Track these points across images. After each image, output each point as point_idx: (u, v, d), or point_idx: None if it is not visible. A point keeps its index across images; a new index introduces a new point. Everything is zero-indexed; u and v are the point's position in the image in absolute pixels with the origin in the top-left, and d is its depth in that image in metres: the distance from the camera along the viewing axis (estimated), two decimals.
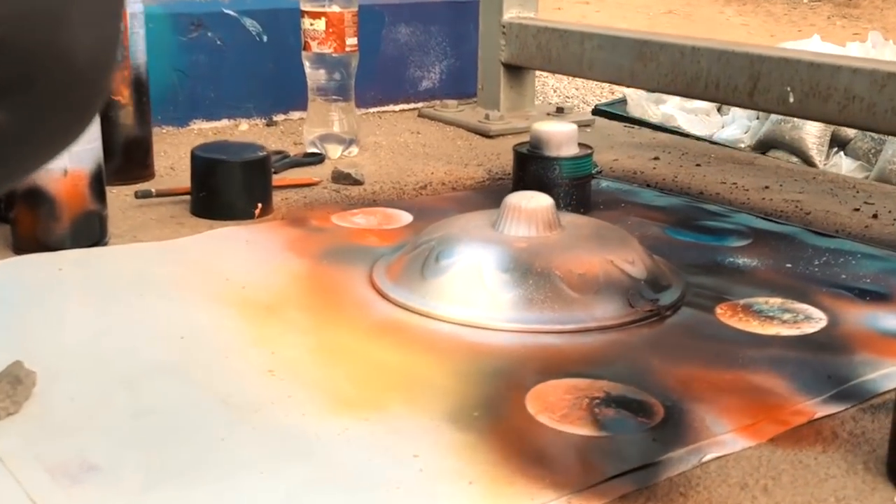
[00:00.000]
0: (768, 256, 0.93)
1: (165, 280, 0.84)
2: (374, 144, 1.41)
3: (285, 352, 0.71)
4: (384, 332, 0.75)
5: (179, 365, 0.68)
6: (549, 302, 0.77)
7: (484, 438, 0.59)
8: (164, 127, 1.44)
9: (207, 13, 1.45)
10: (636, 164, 1.31)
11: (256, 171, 1.04)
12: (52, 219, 0.89)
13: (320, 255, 0.91)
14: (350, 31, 1.28)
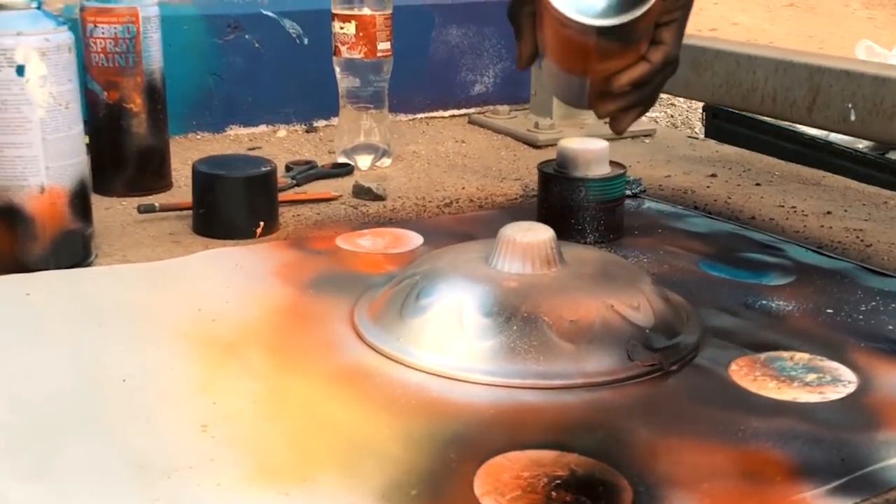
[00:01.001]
0: (809, 299, 0.82)
1: (133, 309, 0.78)
2: (411, 154, 1.33)
3: (229, 402, 0.64)
4: (346, 380, 0.67)
5: (106, 415, 0.62)
6: (533, 352, 0.68)
7: None
8: (198, 133, 1.40)
9: (245, 15, 1.39)
10: (689, 182, 1.21)
11: (259, 188, 0.98)
12: (30, 238, 0.84)
13: (308, 284, 0.84)
14: (382, 35, 1.21)
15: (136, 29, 1.06)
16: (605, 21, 0.66)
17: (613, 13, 0.67)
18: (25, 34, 0.80)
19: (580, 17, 0.66)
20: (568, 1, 0.66)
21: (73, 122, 0.84)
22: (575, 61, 0.73)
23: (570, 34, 0.68)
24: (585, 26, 0.66)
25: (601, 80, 0.72)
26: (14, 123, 0.81)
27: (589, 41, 0.68)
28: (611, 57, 0.70)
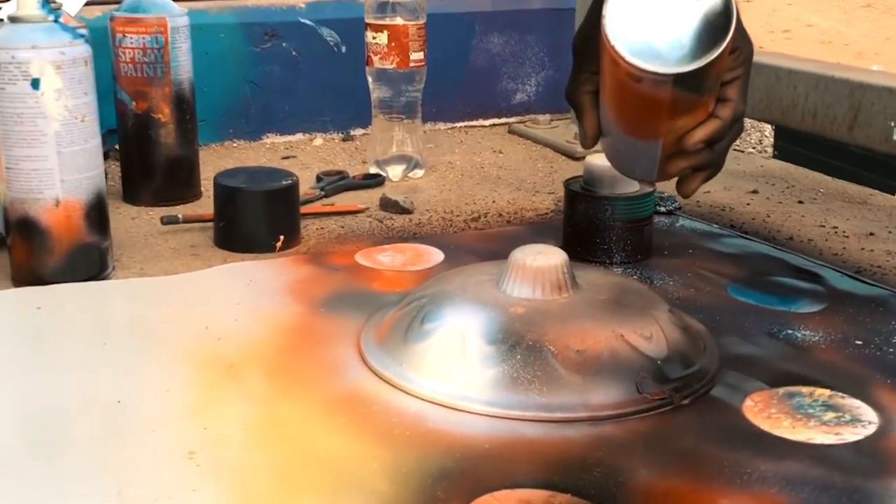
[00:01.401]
0: (838, 328, 0.78)
1: (140, 325, 0.77)
2: (445, 165, 1.32)
3: (220, 427, 0.63)
4: (343, 407, 0.66)
5: (94, 438, 0.61)
6: (536, 383, 0.66)
7: None
8: (235, 141, 1.40)
9: (282, 23, 1.39)
10: (729, 198, 1.17)
11: (279, 201, 0.97)
12: (45, 251, 0.84)
13: (320, 302, 0.82)
14: (415, 45, 1.19)
15: (164, 39, 1.06)
16: (682, 68, 0.64)
17: (686, 63, 0.65)
18: (40, 47, 0.80)
19: (656, 66, 0.64)
20: (639, 55, 0.65)
21: (89, 135, 0.84)
22: (646, 122, 0.71)
23: (643, 90, 0.67)
24: (661, 76, 0.64)
25: (673, 140, 0.70)
26: (29, 136, 0.81)
27: (663, 94, 0.66)
28: (683, 112, 0.68)
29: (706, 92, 0.68)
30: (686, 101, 0.68)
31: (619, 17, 0.66)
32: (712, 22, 0.66)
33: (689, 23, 0.66)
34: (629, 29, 0.66)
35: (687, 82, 0.66)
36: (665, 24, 0.66)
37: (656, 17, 0.66)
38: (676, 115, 0.69)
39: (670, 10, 0.66)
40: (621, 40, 0.66)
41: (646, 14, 0.66)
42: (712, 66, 0.65)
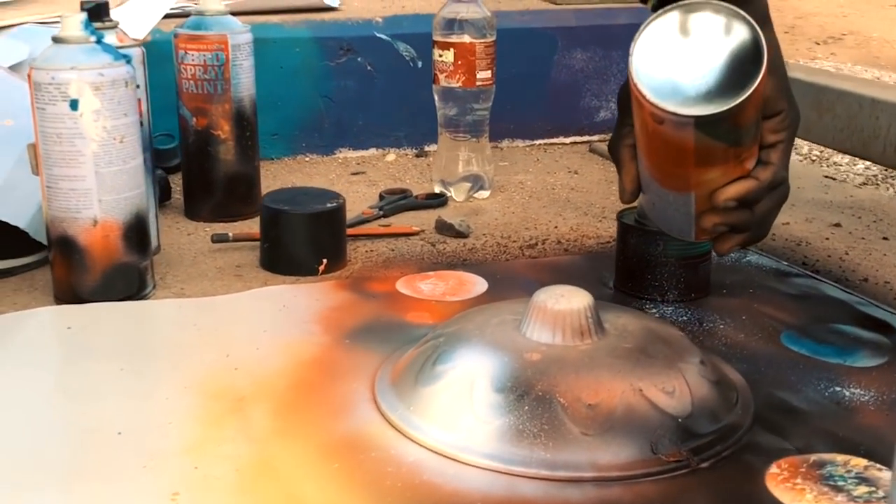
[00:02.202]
0: (893, 388, 0.72)
1: (161, 350, 0.77)
2: (516, 185, 1.28)
3: (211, 467, 0.61)
4: (342, 451, 0.64)
5: (84, 471, 0.60)
6: (542, 437, 0.62)
7: None
8: (307, 155, 1.39)
9: (358, 37, 1.38)
10: (808, 231, 1.10)
11: (323, 224, 0.95)
12: (83, 270, 0.85)
13: (346, 334, 0.81)
14: (482, 63, 1.16)
15: (224, 56, 1.06)
16: (703, 110, 0.62)
17: (709, 107, 0.63)
18: (79, 68, 0.80)
19: (676, 107, 0.62)
20: (664, 96, 0.63)
21: (128, 155, 0.84)
22: (675, 171, 0.69)
23: (668, 133, 0.65)
24: (682, 117, 0.63)
25: (705, 194, 0.69)
26: (68, 156, 0.82)
27: (687, 138, 0.64)
28: (712, 162, 0.67)
29: (735, 142, 0.66)
30: (713, 150, 0.66)
31: (649, 57, 0.64)
32: (745, 69, 0.62)
33: (718, 66, 0.63)
34: (658, 70, 0.64)
35: (710, 127, 0.64)
36: (694, 67, 0.64)
37: (686, 59, 0.64)
38: (705, 165, 0.67)
39: (700, 52, 0.64)
40: (647, 80, 0.63)
41: (675, 56, 0.64)
42: (738, 114, 0.63)
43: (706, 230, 0.71)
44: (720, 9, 0.64)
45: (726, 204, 0.68)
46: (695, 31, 0.64)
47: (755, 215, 0.71)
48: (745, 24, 0.64)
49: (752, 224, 0.72)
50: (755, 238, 0.73)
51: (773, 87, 0.69)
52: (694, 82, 0.64)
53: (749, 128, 0.66)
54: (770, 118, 0.69)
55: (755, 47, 0.63)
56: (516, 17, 1.44)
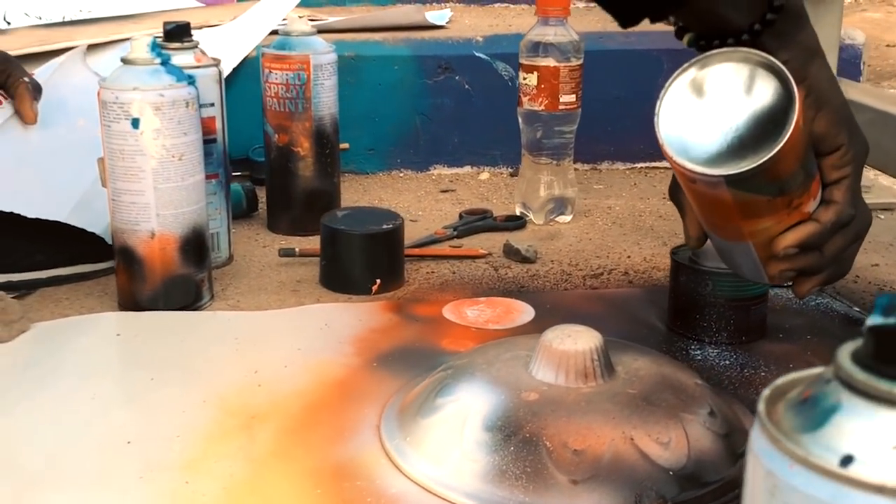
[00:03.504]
0: None
1: (195, 361, 0.80)
2: (603, 209, 1.27)
3: (201, 483, 0.64)
4: (330, 476, 0.65)
5: (83, 479, 0.64)
6: (523, 480, 0.61)
7: None
8: (402, 171, 1.42)
9: (457, 56, 1.39)
10: (890, 274, 1.04)
11: (379, 245, 0.97)
12: (141, 279, 0.89)
13: (379, 356, 0.82)
14: (567, 87, 1.15)
15: (306, 76, 1.09)
16: (728, 170, 0.61)
17: (737, 165, 0.61)
18: (141, 89, 0.85)
19: (704, 167, 0.61)
20: (694, 156, 0.62)
21: (186, 173, 0.88)
22: (725, 225, 0.68)
23: (704, 191, 0.63)
24: (709, 177, 0.61)
25: (763, 242, 0.67)
26: (129, 172, 0.86)
27: (724, 195, 0.63)
28: (758, 214, 0.65)
29: (779, 192, 0.64)
30: (756, 203, 0.64)
31: (676, 115, 0.63)
32: (779, 118, 0.60)
33: (749, 119, 0.61)
34: (687, 127, 0.62)
35: (744, 183, 0.62)
36: (722, 122, 0.62)
37: (714, 114, 0.62)
38: (753, 218, 0.65)
39: (728, 106, 0.62)
40: (677, 138, 0.62)
41: (703, 111, 0.62)
42: (770, 168, 0.60)
43: (775, 277, 0.69)
44: (747, 57, 0.62)
45: (786, 252, 0.66)
46: (721, 85, 0.62)
47: (826, 257, 0.68)
48: (773, 72, 0.61)
49: (826, 265, 0.69)
50: (835, 277, 0.71)
51: (829, 122, 0.65)
52: (725, 137, 0.61)
53: (792, 176, 0.63)
54: (829, 154, 0.66)
55: (787, 96, 0.61)
56: (620, 38, 1.42)
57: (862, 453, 0.28)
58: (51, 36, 1.30)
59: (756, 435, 0.30)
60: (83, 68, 1.11)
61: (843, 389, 0.29)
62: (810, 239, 0.66)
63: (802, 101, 0.61)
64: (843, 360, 0.30)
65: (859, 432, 0.28)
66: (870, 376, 0.29)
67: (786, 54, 0.63)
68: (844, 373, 0.29)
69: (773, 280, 0.70)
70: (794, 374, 0.33)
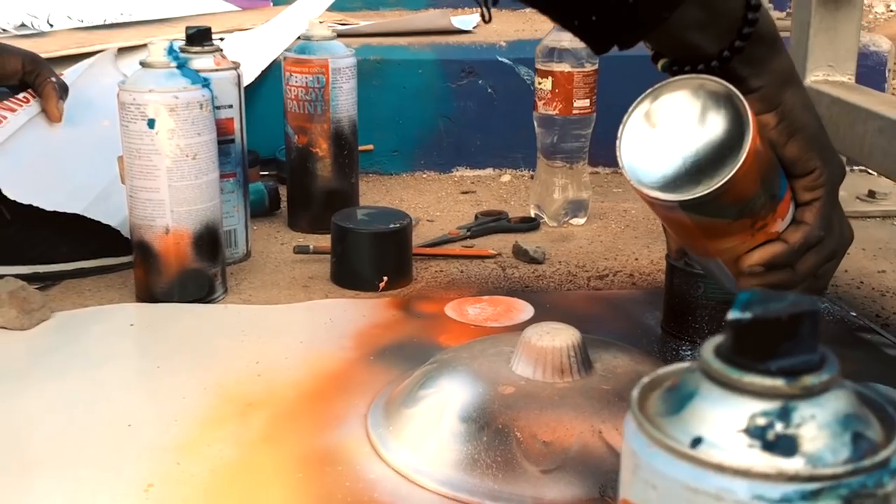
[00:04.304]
0: None
1: (201, 351, 0.84)
2: (619, 213, 1.29)
3: (191, 465, 0.67)
4: (312, 462, 0.68)
5: (79, 457, 0.68)
6: (493, 469, 0.64)
7: None
8: (425, 172, 1.45)
9: (480, 60, 1.42)
10: (895, 281, 1.05)
11: (387, 243, 1.00)
12: (156, 273, 0.93)
13: (377, 350, 0.85)
14: (580, 92, 1.17)
15: (325, 79, 1.13)
16: (685, 194, 0.61)
17: (691, 190, 0.62)
18: (157, 91, 0.89)
19: (658, 191, 0.62)
20: (654, 181, 0.63)
21: (200, 171, 0.92)
22: (691, 243, 0.70)
23: (667, 215, 0.66)
24: (664, 202, 0.63)
25: (731, 260, 0.68)
26: (145, 170, 0.90)
27: (682, 218, 0.64)
28: (719, 235, 0.66)
29: (739, 216, 0.64)
30: (715, 226, 0.65)
31: (638, 141, 0.64)
32: (735, 146, 0.61)
33: (708, 145, 0.62)
34: (650, 150, 0.63)
35: (699, 208, 0.63)
36: (683, 148, 0.63)
37: (675, 140, 0.63)
38: (716, 238, 0.66)
39: (688, 132, 0.63)
40: (639, 162, 0.63)
41: (665, 136, 0.63)
42: (725, 194, 0.61)
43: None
44: (703, 84, 0.62)
45: (752, 270, 0.67)
46: (679, 112, 0.63)
47: (798, 274, 0.68)
48: (731, 101, 0.61)
49: (798, 282, 0.69)
50: (811, 293, 0.71)
51: (802, 147, 0.66)
52: (685, 163, 0.62)
53: (752, 199, 0.64)
54: (802, 177, 0.67)
55: (742, 123, 0.62)
56: None
57: (711, 436, 0.30)
58: (88, 38, 1.36)
59: (627, 419, 0.33)
60: (112, 70, 1.16)
61: (702, 378, 0.32)
62: (776, 259, 0.66)
63: (756, 127, 0.61)
64: (706, 351, 0.32)
65: (711, 417, 0.31)
66: (723, 366, 0.31)
67: (758, 81, 0.64)
68: (704, 363, 0.32)
69: (738, 285, 0.71)
70: (672, 366, 0.35)
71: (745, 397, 0.30)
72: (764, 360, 0.30)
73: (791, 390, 0.30)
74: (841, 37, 1.26)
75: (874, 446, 0.31)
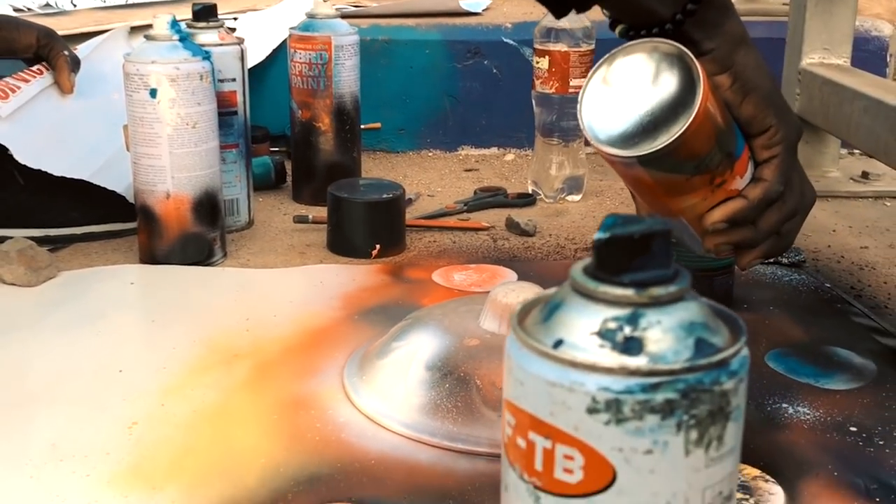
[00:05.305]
0: (846, 411, 0.72)
1: (194, 309, 0.89)
2: (615, 191, 1.32)
3: (175, 406, 0.72)
4: (288, 406, 0.72)
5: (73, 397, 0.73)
6: (454, 413, 0.68)
7: None
8: (431, 150, 1.49)
9: (486, 41, 1.46)
10: (880, 257, 1.07)
11: (380, 212, 1.04)
12: (158, 236, 0.98)
13: (362, 311, 0.89)
14: (577, 71, 1.21)
15: (328, 56, 1.17)
16: (636, 151, 0.64)
17: (649, 145, 0.64)
18: (158, 62, 0.94)
19: (616, 148, 0.65)
20: (613, 137, 0.66)
21: (200, 139, 0.97)
22: (654, 202, 0.72)
23: (625, 172, 0.68)
24: (622, 158, 0.65)
25: (694, 218, 0.71)
26: (147, 137, 0.95)
27: (641, 175, 0.67)
28: (680, 191, 0.68)
29: (697, 171, 0.67)
30: (675, 182, 0.67)
31: (598, 104, 0.66)
32: (688, 104, 0.64)
33: (663, 103, 0.65)
34: (610, 112, 0.66)
35: (657, 164, 0.65)
36: (641, 107, 0.65)
37: (633, 100, 0.65)
38: (676, 195, 0.69)
39: (644, 92, 0.65)
40: (599, 122, 0.66)
41: (624, 97, 0.66)
42: (680, 148, 0.63)
43: (711, 251, 0.72)
44: (657, 47, 0.65)
45: (715, 227, 0.69)
46: (634, 74, 0.65)
47: (760, 231, 0.71)
48: (682, 61, 0.64)
49: (762, 238, 0.72)
50: (777, 250, 0.74)
51: (756, 106, 0.68)
52: (642, 122, 0.65)
53: (708, 156, 0.66)
54: (758, 136, 0.70)
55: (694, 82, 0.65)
56: None
57: (570, 338, 0.34)
58: (107, 17, 1.41)
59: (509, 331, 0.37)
60: (124, 46, 1.20)
61: (570, 291, 0.36)
62: (737, 214, 0.69)
63: (708, 85, 0.64)
64: (575, 269, 0.36)
65: (571, 323, 0.34)
66: (585, 279, 0.35)
67: (711, 43, 0.67)
68: (571, 278, 0.36)
69: (713, 253, 0.74)
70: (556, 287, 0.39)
71: (601, 305, 0.34)
72: (618, 274, 0.34)
73: (640, 299, 0.34)
74: (836, 20, 1.28)
75: (716, 350, 0.34)
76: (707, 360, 0.33)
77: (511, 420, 0.36)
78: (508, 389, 0.36)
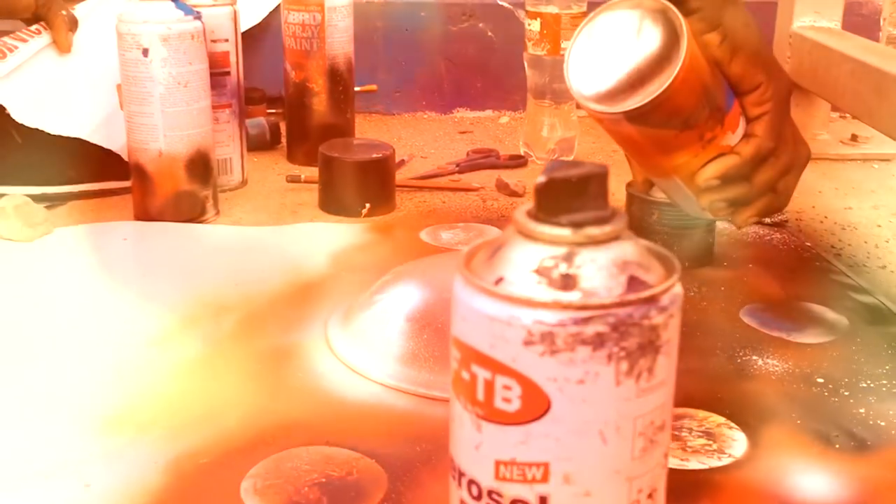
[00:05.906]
0: (815, 364, 0.74)
1: (186, 266, 0.91)
2: (606, 153, 1.33)
3: (162, 355, 0.74)
4: (271, 357, 0.75)
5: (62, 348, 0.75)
6: (430, 362, 0.70)
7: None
8: (426, 113, 1.50)
9: (480, 4, 1.47)
10: (863, 217, 1.09)
11: (370, 172, 1.06)
12: (150, 193, 1.00)
13: (350, 266, 0.91)
14: (568, 33, 1.22)
15: (321, 17, 1.18)
16: (623, 107, 0.65)
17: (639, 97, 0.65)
18: (150, 22, 0.95)
19: (604, 105, 0.66)
20: (597, 93, 0.66)
21: (191, 99, 0.98)
22: (646, 161, 0.74)
23: (614, 129, 0.69)
24: (608, 114, 0.66)
25: (687, 176, 0.72)
26: (140, 96, 0.97)
27: (630, 132, 0.68)
28: (671, 148, 0.69)
29: (686, 126, 0.67)
30: (665, 138, 0.68)
31: (585, 62, 0.67)
32: (673, 59, 0.65)
33: (649, 59, 0.65)
34: (597, 70, 0.67)
35: (644, 119, 0.66)
36: (627, 63, 0.66)
37: (619, 57, 0.66)
38: (667, 152, 0.70)
39: (630, 48, 0.66)
40: (586, 81, 0.67)
41: (609, 55, 0.66)
42: (666, 102, 0.64)
43: (707, 209, 0.74)
44: (644, 2, 0.66)
45: (708, 184, 0.70)
46: (620, 31, 0.66)
47: (755, 188, 0.72)
48: (666, 15, 0.65)
49: (757, 196, 0.73)
50: (774, 208, 0.75)
51: (746, 63, 0.69)
52: (629, 79, 0.65)
53: (696, 110, 0.67)
54: (749, 93, 0.70)
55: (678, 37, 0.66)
56: None
57: (510, 276, 0.36)
58: None
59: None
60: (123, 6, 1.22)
61: (513, 232, 0.38)
62: (730, 170, 0.70)
63: (693, 40, 0.66)
64: (518, 211, 0.38)
65: (512, 261, 0.36)
66: (525, 220, 0.37)
67: (698, 2, 0.68)
68: (514, 220, 0.38)
69: (710, 212, 0.75)
70: None
71: (539, 245, 0.36)
72: (556, 215, 0.36)
73: (576, 238, 0.36)
74: None
75: (648, 286, 0.36)
76: (637, 295, 0.35)
77: (457, 355, 0.38)
78: (454, 326, 0.38)
